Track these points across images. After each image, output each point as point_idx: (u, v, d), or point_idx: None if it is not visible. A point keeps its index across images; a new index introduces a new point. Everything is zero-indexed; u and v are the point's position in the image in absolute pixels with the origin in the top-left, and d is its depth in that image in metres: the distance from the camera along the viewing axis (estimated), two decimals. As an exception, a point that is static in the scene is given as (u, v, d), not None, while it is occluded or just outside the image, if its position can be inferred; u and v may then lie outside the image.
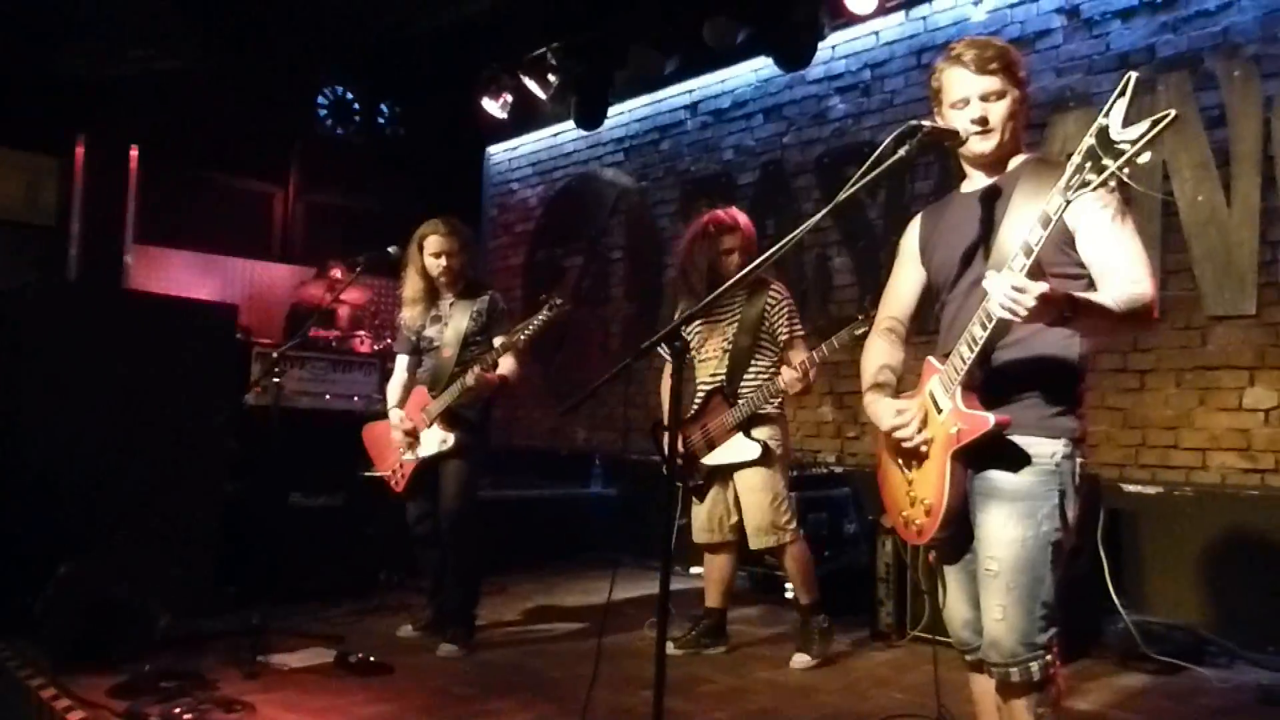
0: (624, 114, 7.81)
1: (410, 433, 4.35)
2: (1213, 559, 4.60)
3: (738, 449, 4.20)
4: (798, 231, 2.25)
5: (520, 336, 4.07)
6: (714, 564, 4.43)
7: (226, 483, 4.93)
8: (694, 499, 4.40)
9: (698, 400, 4.34)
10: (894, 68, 6.15)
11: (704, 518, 4.37)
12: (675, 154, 7.45)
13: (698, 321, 4.34)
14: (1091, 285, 2.15)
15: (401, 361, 4.58)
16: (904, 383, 2.54)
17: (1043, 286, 1.87)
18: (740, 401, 4.18)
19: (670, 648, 4.04)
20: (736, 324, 4.28)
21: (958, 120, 2.30)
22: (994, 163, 2.35)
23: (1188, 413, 4.83)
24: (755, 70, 6.91)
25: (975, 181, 2.40)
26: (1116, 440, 5.01)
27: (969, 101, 2.29)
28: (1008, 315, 1.91)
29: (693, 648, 4.35)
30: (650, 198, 7.59)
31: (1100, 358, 5.04)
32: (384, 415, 4.53)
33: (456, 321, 4.38)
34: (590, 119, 7.51)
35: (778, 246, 2.20)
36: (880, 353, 2.54)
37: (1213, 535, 4.61)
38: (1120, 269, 2.10)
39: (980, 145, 2.29)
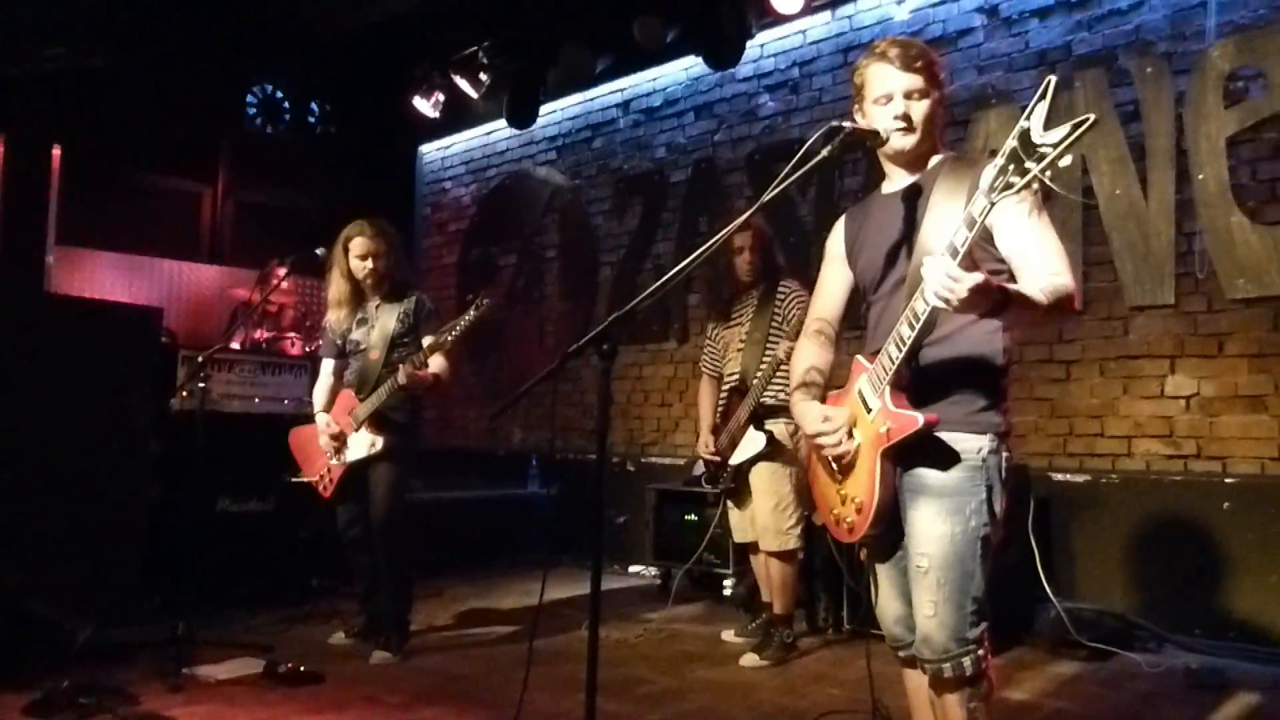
0: (556, 112, 7.73)
1: (337, 437, 4.25)
2: (1140, 544, 4.65)
3: (749, 443, 4.25)
4: (726, 230, 2.24)
5: (447, 337, 4.01)
6: (758, 563, 4.45)
7: (151, 488, 4.76)
8: (730, 503, 4.47)
9: (722, 402, 4.44)
10: (821, 65, 6.14)
11: (737, 517, 4.45)
12: (608, 152, 7.38)
13: (719, 326, 4.52)
14: (1012, 279, 2.13)
15: (327, 365, 4.48)
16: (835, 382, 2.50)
17: (977, 277, 1.84)
18: (748, 392, 4.24)
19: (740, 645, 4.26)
20: (750, 322, 4.36)
21: (880, 116, 2.28)
22: (913, 161, 2.33)
23: (1112, 401, 4.87)
24: (686, 69, 6.87)
25: (895, 181, 2.38)
26: (1044, 430, 5.04)
27: (892, 98, 2.27)
28: (940, 304, 1.87)
29: (768, 651, 4.20)
30: (584, 196, 7.52)
31: (1026, 349, 5.08)
32: (312, 419, 4.42)
33: (383, 324, 4.29)
34: (522, 117, 7.41)
35: (708, 244, 2.16)
36: (809, 354, 2.51)
37: (1139, 521, 4.66)
38: (1041, 263, 2.09)
39: (901, 142, 2.28)
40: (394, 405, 4.17)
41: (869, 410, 2.18)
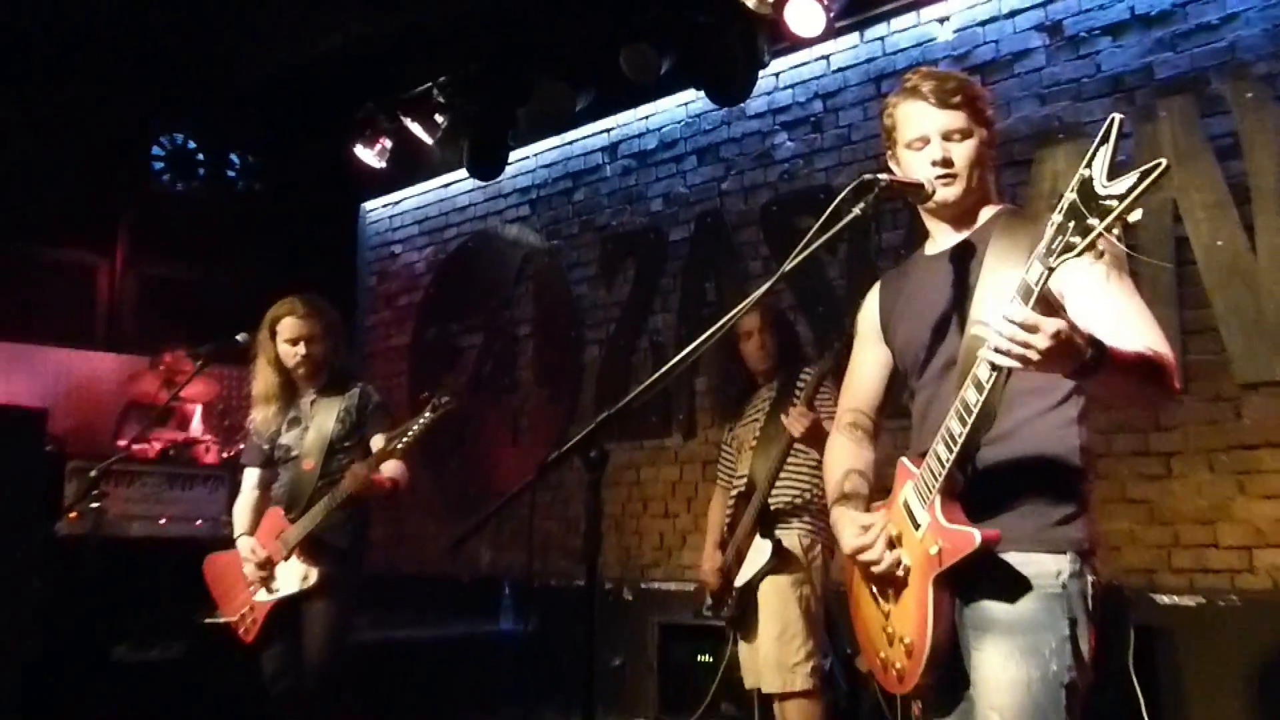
0: (529, 159, 7.85)
1: (264, 565, 4.23)
2: (1269, 682, 4.58)
3: (755, 555, 4.25)
4: (742, 306, 2.27)
5: (398, 444, 4.02)
6: (783, 715, 4.25)
7: (31, 636, 4.71)
8: (737, 636, 4.43)
9: (729, 513, 4.45)
10: (849, 98, 6.26)
11: (747, 653, 4.37)
12: (592, 206, 7.48)
13: (734, 426, 4.57)
14: None
15: (251, 476, 4.47)
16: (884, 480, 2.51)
17: (1061, 322, 1.86)
18: (754, 497, 4.27)
19: None
20: (765, 417, 4.39)
21: (916, 163, 2.33)
22: (960, 215, 2.37)
23: (1225, 502, 4.85)
24: (685, 104, 7.01)
25: (941, 240, 2.42)
26: (1142, 540, 5.02)
27: (929, 140, 2.32)
28: (1012, 363, 1.89)
29: None
30: (563, 259, 7.60)
31: (1114, 439, 5.07)
32: (232, 543, 4.40)
33: (320, 424, 4.30)
34: (487, 166, 7.52)
35: (721, 323, 2.20)
36: (844, 455, 2.52)
37: (1267, 652, 4.60)
38: (1128, 333, 2.10)
39: (944, 193, 2.32)
40: (333, 526, 4.15)
41: (917, 526, 2.18)
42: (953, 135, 2.31)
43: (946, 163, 2.30)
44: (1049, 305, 1.97)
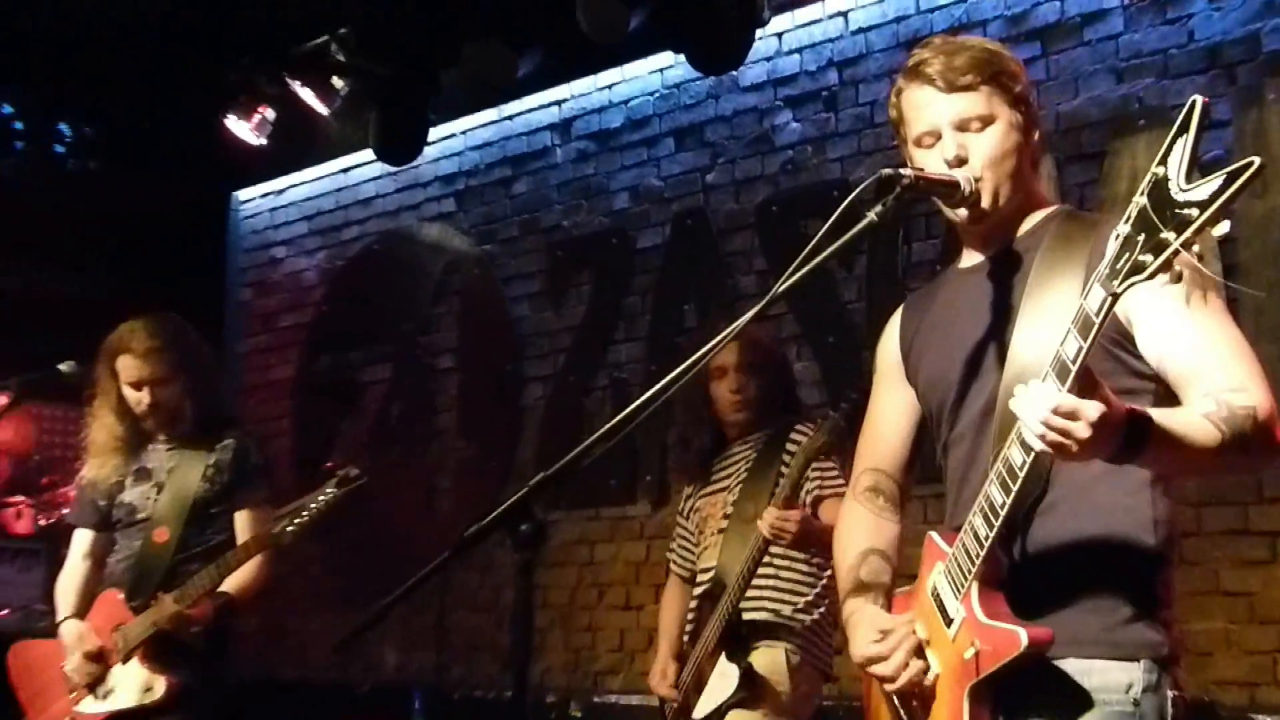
0: (455, 138, 7.88)
1: (94, 659, 4.21)
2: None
3: (718, 682, 4.18)
4: (728, 333, 2.27)
5: (288, 528, 4.02)
6: None
7: None
8: None
9: (691, 615, 4.40)
10: (872, 67, 6.31)
11: None
12: (538, 200, 7.51)
13: (695, 494, 4.51)
14: (1160, 401, 2.21)
15: (81, 541, 4.48)
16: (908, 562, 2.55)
17: (1100, 406, 1.90)
18: (721, 600, 4.18)
19: None
20: (740, 487, 4.34)
21: (927, 165, 2.36)
22: (994, 229, 2.42)
23: (1346, 597, 4.91)
24: (660, 71, 7.04)
25: (976, 254, 2.46)
26: (1240, 643, 5.06)
27: (939, 135, 2.36)
28: (1045, 449, 1.94)
29: None
30: (499, 270, 7.61)
31: (1207, 515, 5.12)
32: (49, 632, 4.40)
33: (179, 481, 4.32)
34: (401, 146, 7.49)
35: (699, 354, 2.21)
36: (860, 530, 2.56)
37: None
38: (1212, 375, 2.15)
39: (963, 203, 2.36)
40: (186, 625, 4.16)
41: (948, 622, 2.22)
42: (969, 124, 2.34)
43: (961, 162, 2.33)
44: (1092, 379, 1.98)
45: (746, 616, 4.19)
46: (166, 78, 7.93)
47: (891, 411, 2.58)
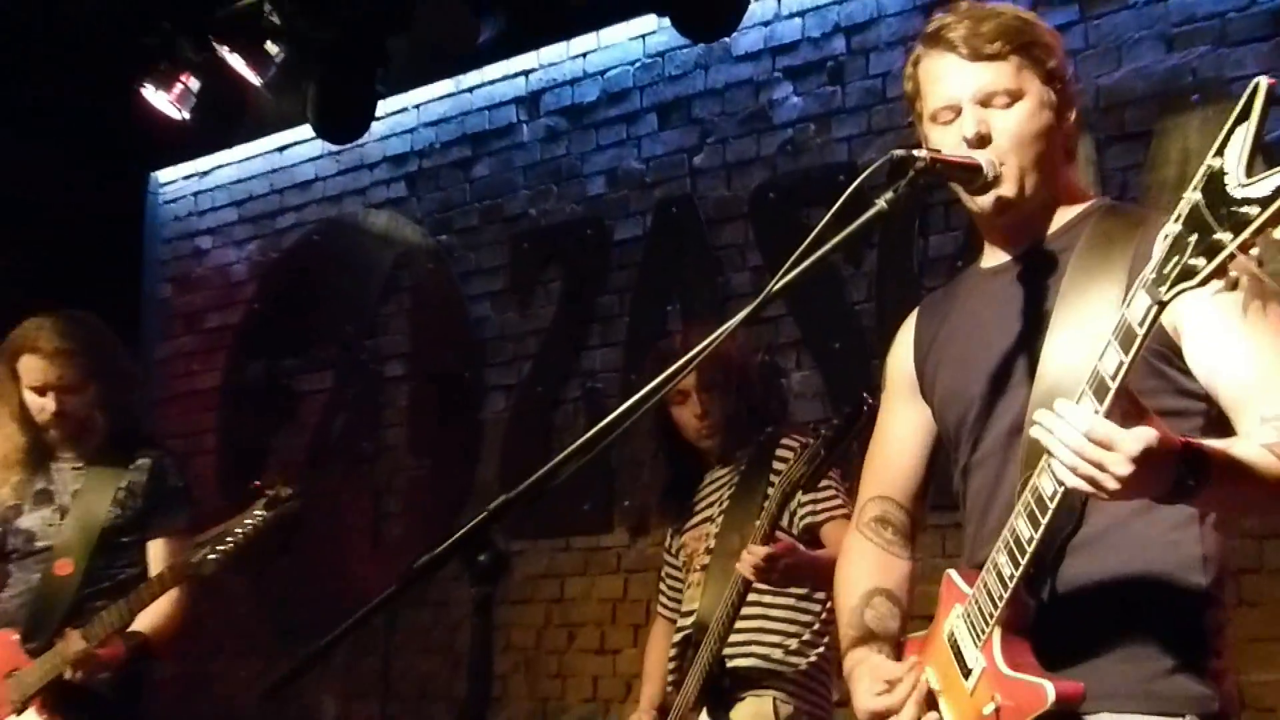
0: (407, 113, 7.89)
1: (-14, 711, 4.22)
2: None
3: None
4: (717, 335, 2.29)
5: (208, 555, 4.01)
6: None
7: None
8: None
9: (673, 663, 4.42)
10: (884, 34, 6.32)
11: None
12: (501, 185, 7.52)
13: (679, 532, 4.55)
14: (1212, 425, 2.23)
15: (-33, 574, 4.48)
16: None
17: (1148, 435, 1.91)
18: (702, 647, 4.18)
19: None
20: (723, 516, 4.36)
21: (944, 144, 2.38)
22: (1019, 223, 2.44)
23: None
24: (641, 38, 7.05)
25: (1001, 251, 2.48)
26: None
27: (959, 110, 2.38)
28: (1081, 485, 1.95)
29: None
30: (456, 264, 7.63)
31: (1269, 549, 5.12)
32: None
33: (86, 506, 4.33)
34: (344, 122, 7.52)
35: (683, 361, 2.26)
36: (865, 568, 2.58)
37: None
38: (1271, 395, 2.16)
39: (986, 190, 2.37)
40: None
41: (966, 673, 2.23)
42: (993, 99, 2.36)
43: (982, 140, 2.34)
44: (1133, 399, 1.98)
45: (731, 664, 4.21)
46: (74, 41, 7.93)
47: (902, 431, 2.60)
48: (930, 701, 2.29)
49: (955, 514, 2.60)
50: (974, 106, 2.36)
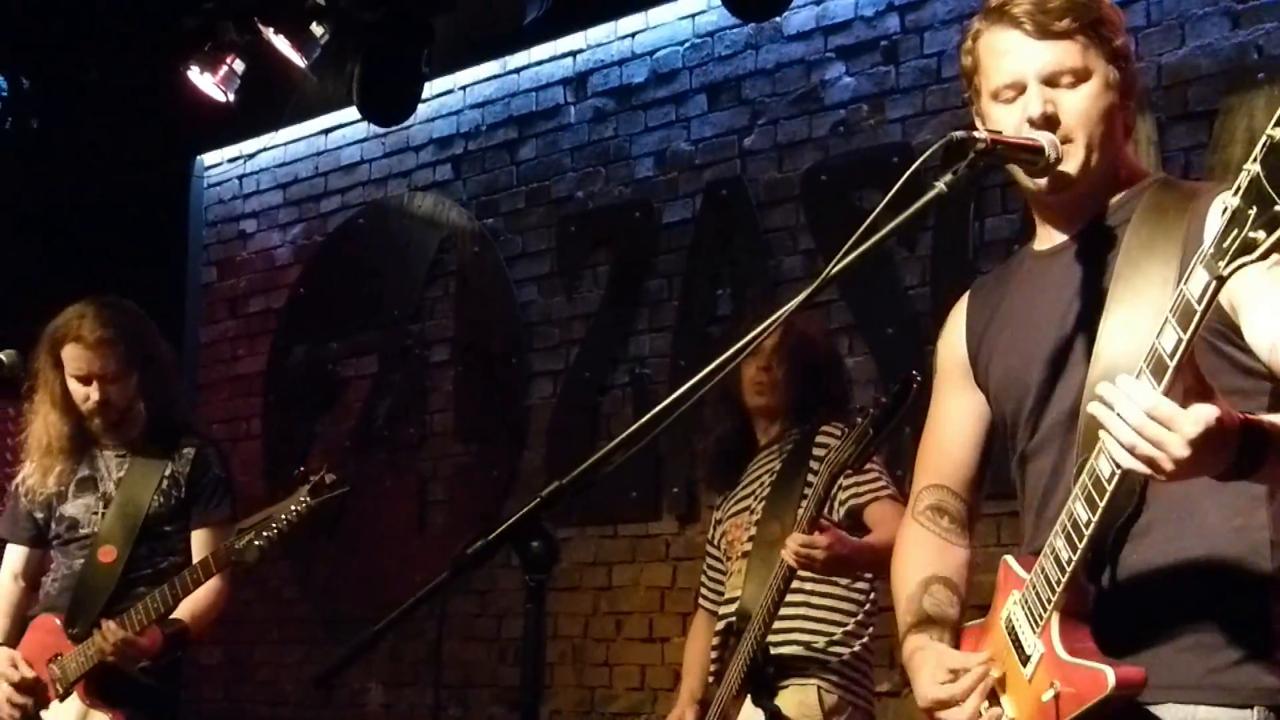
0: (452, 95, 7.89)
1: (25, 691, 4.24)
2: None
3: None
4: (772, 321, 2.30)
5: (255, 543, 4.03)
6: None
7: None
8: None
9: (714, 653, 4.46)
10: (939, 11, 6.29)
11: None
12: (547, 168, 7.52)
13: (725, 508, 4.58)
14: (1278, 403, 2.21)
15: (12, 558, 4.53)
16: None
17: (1207, 413, 1.89)
18: (745, 636, 4.20)
19: None
20: (766, 500, 4.38)
21: (1005, 123, 2.36)
22: (1076, 202, 2.41)
23: None
24: (691, 17, 7.03)
25: (1055, 233, 2.46)
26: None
27: (1023, 88, 2.35)
28: (1139, 466, 1.94)
29: None
30: (503, 247, 7.63)
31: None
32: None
33: (130, 494, 4.35)
34: (390, 104, 7.52)
35: (738, 347, 2.23)
36: (921, 556, 2.56)
37: None
38: None
39: (1045, 172, 2.34)
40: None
41: (1025, 660, 2.22)
42: (1060, 79, 2.34)
43: (1049, 121, 2.31)
44: (1194, 374, 1.97)
45: (775, 651, 4.23)
46: (118, 24, 7.95)
47: (957, 417, 2.58)
48: (991, 694, 2.28)
49: (1010, 503, 2.58)
50: (1040, 85, 2.33)
